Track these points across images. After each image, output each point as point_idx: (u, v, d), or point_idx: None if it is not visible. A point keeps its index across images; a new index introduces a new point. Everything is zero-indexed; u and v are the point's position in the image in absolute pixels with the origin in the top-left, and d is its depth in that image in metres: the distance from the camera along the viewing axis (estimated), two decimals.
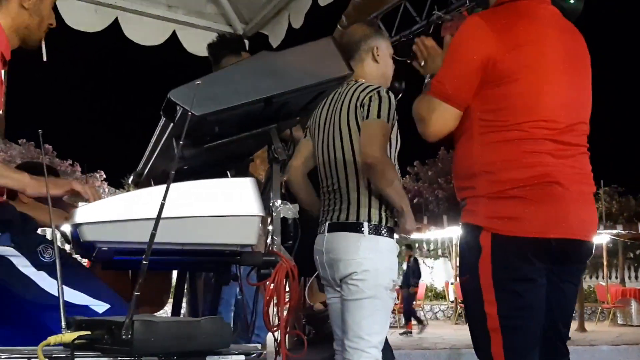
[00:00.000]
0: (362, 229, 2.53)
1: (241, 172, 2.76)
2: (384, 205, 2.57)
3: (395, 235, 2.63)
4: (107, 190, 23.84)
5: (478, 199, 1.91)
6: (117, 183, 24.35)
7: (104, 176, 23.72)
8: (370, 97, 2.54)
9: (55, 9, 2.01)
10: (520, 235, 1.81)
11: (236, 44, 3.32)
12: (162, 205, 1.07)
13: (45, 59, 2.01)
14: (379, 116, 2.50)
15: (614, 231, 16.56)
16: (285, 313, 1.78)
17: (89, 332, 1.12)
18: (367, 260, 2.50)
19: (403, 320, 14.60)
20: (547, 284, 1.87)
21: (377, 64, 2.72)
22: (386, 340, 2.72)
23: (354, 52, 2.71)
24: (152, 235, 1.03)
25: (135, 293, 1.04)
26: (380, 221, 2.55)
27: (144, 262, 1.01)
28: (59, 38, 2.04)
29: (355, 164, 2.57)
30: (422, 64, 2.22)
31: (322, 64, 1.70)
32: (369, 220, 2.53)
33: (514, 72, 1.85)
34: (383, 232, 2.55)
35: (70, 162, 23.03)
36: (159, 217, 1.06)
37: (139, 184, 2.37)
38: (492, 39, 1.87)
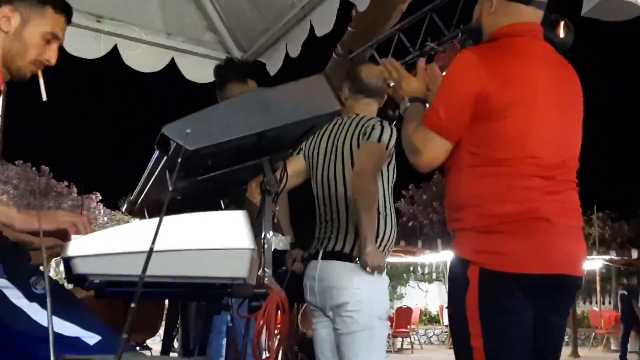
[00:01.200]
0: (357, 259, 2.55)
1: (235, 200, 2.79)
2: (379, 237, 2.60)
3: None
4: (102, 211, 23.79)
5: (466, 232, 1.94)
6: (113, 205, 24.32)
7: (100, 197, 23.68)
8: (373, 126, 2.60)
9: None
10: (507, 271, 1.84)
11: (243, 70, 3.32)
12: (151, 249, 1.09)
13: (45, 99, 1.92)
14: (379, 140, 2.57)
15: (607, 257, 16.58)
16: (275, 346, 1.79)
17: None
18: (361, 290, 2.53)
19: (398, 344, 14.50)
20: (533, 315, 1.90)
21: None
22: None
23: (379, 92, 2.86)
24: (141, 279, 1.04)
25: (124, 335, 1.05)
26: None
27: (132, 305, 1.03)
28: (58, 63, 2.00)
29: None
30: (392, 84, 2.23)
31: (314, 100, 1.73)
32: None
33: (506, 109, 1.88)
34: None
35: (66, 183, 23.00)
36: (148, 259, 1.08)
37: (133, 212, 2.39)
38: (485, 74, 1.90)
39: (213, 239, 1.63)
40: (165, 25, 4.46)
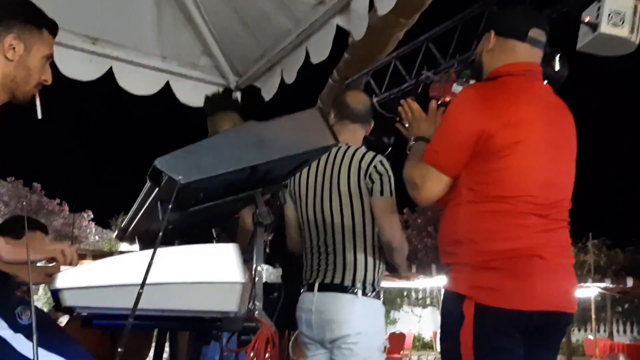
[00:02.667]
0: (356, 291, 2.54)
1: (226, 229, 2.77)
2: (376, 268, 2.60)
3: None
4: (94, 230, 23.68)
5: (462, 266, 1.94)
6: (104, 223, 24.23)
7: (92, 216, 23.58)
8: (377, 170, 2.61)
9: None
10: (502, 307, 1.84)
11: (237, 102, 3.34)
12: (140, 294, 1.07)
13: (40, 117, 1.92)
14: (391, 194, 2.58)
15: (602, 285, 16.54)
16: None
17: None
18: (360, 322, 2.52)
19: None
20: (525, 352, 1.89)
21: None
22: None
23: (366, 119, 2.86)
24: (129, 323, 1.03)
25: None
26: (373, 283, 2.57)
27: (119, 349, 1.01)
28: (53, 85, 2.00)
29: (354, 227, 2.61)
30: (407, 125, 2.31)
31: (308, 134, 1.73)
32: (364, 283, 2.55)
33: (506, 148, 1.90)
34: (374, 294, 2.58)
35: (58, 201, 22.90)
36: (137, 302, 1.06)
37: (124, 239, 2.38)
38: (488, 113, 1.92)
39: (203, 272, 1.61)
40: (161, 49, 4.47)
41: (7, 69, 1.82)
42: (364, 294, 2.55)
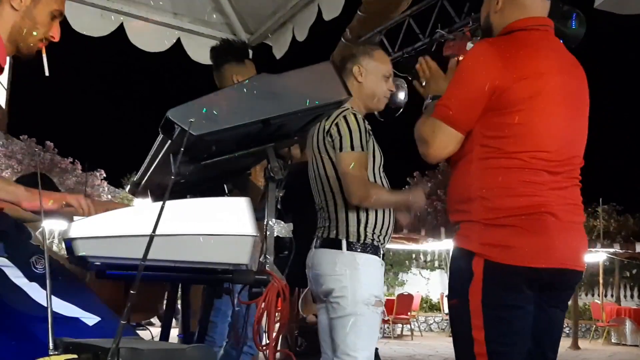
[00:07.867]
0: (341, 245, 2.59)
1: (238, 185, 2.78)
2: (363, 222, 2.62)
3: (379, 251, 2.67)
4: (106, 189, 23.84)
5: (473, 224, 1.92)
6: (116, 183, 24.39)
7: (104, 175, 23.72)
8: (337, 125, 2.59)
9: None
10: (513, 264, 1.83)
11: (240, 51, 3.30)
12: (152, 237, 1.08)
13: (47, 74, 1.92)
14: (352, 148, 2.55)
15: (611, 250, 16.53)
16: (274, 333, 1.79)
17: (75, 356, 1.13)
18: (344, 276, 2.56)
19: (398, 330, 14.57)
20: (535, 310, 1.90)
21: (359, 84, 2.76)
22: (376, 352, 2.75)
23: (344, 71, 2.78)
24: (141, 266, 1.04)
25: (122, 322, 1.04)
26: (358, 238, 2.60)
27: (132, 292, 1.02)
28: (63, 41, 2.00)
29: (331, 185, 2.67)
30: (424, 84, 2.26)
31: (320, 88, 1.71)
32: (347, 237, 2.59)
33: (519, 102, 1.87)
34: (360, 248, 2.60)
35: (71, 159, 23.00)
36: (148, 246, 1.07)
37: (136, 193, 2.39)
38: (501, 67, 1.88)
39: (216, 225, 1.62)
40: (173, 5, 4.44)
41: (13, 18, 1.83)
42: (349, 248, 2.59)
